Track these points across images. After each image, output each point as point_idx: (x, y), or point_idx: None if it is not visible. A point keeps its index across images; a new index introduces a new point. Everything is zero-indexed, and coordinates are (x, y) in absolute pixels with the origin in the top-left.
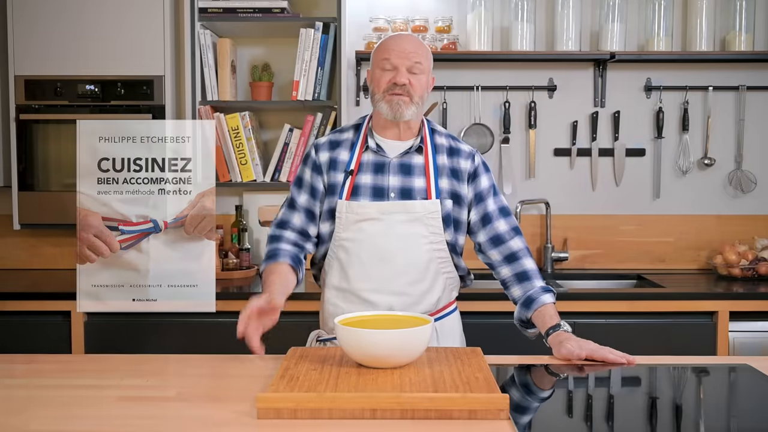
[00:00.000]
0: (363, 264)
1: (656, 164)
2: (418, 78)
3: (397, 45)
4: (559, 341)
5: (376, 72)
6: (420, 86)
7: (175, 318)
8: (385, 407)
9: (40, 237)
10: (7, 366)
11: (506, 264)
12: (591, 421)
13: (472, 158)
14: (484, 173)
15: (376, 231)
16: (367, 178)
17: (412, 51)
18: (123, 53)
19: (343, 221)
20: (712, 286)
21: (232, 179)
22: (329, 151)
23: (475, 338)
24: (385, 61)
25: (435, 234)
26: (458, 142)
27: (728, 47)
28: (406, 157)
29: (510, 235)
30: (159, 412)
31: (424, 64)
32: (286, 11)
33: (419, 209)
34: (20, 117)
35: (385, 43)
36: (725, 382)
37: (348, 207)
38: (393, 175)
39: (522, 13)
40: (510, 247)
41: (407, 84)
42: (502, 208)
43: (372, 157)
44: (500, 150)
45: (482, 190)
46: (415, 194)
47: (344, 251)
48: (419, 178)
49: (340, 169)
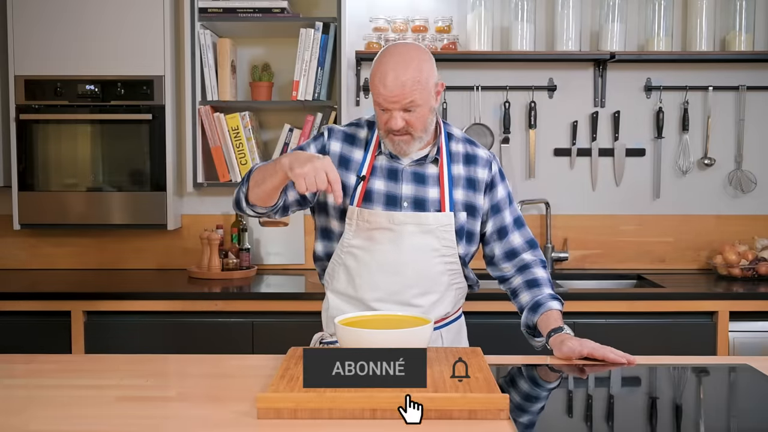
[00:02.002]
0: (371, 273)
1: (656, 164)
2: (415, 114)
3: (386, 88)
4: (560, 341)
5: (374, 106)
6: (420, 121)
7: (175, 318)
8: (385, 407)
9: (40, 237)
10: (7, 366)
11: (518, 273)
12: (591, 421)
13: (490, 167)
14: (501, 183)
15: (386, 241)
16: (381, 184)
17: (402, 93)
18: (123, 53)
19: (353, 228)
20: (712, 286)
21: (232, 179)
22: (342, 143)
23: (476, 338)
24: (376, 103)
25: (447, 247)
26: (475, 146)
27: (728, 47)
28: (420, 165)
29: (524, 248)
30: (159, 412)
31: (420, 97)
32: (286, 11)
33: (432, 221)
34: (20, 117)
35: (375, 77)
36: (725, 382)
37: (360, 214)
38: (406, 183)
39: (522, 13)
40: (523, 259)
41: (404, 125)
42: (517, 219)
43: (385, 161)
44: (500, 150)
45: (499, 200)
46: (428, 205)
47: (353, 258)
48: (433, 188)
49: (353, 169)
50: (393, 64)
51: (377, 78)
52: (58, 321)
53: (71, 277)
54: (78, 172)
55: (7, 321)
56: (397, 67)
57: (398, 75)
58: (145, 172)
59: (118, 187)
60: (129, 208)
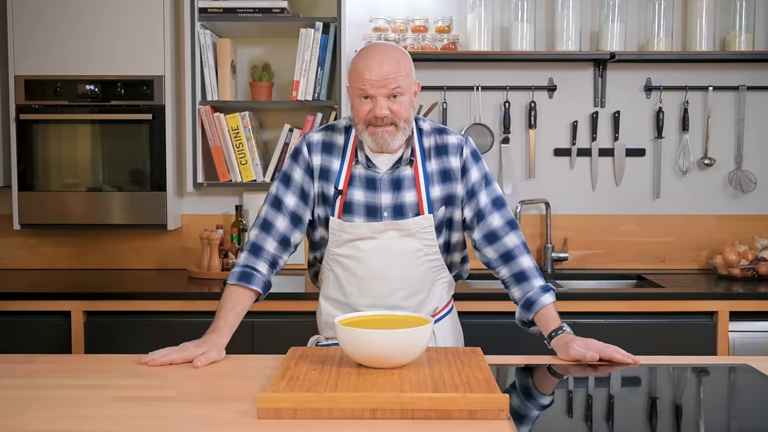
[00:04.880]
0: (359, 280)
1: (656, 164)
2: (400, 102)
3: (371, 72)
4: (565, 343)
5: (354, 100)
6: (404, 110)
7: (175, 318)
8: (385, 407)
9: (40, 237)
10: (7, 366)
11: (503, 264)
12: (591, 421)
13: (461, 152)
14: (474, 165)
15: (370, 249)
16: (360, 195)
17: (389, 76)
18: (123, 53)
19: (336, 238)
20: (712, 286)
21: (232, 179)
22: (321, 154)
23: (475, 338)
24: (361, 91)
25: (429, 246)
26: (444, 135)
27: (728, 47)
28: (397, 170)
29: (504, 230)
30: (159, 412)
31: (404, 85)
32: (286, 11)
33: (412, 226)
34: (20, 117)
35: (358, 67)
36: (725, 382)
37: (340, 226)
38: (385, 192)
39: (522, 13)
40: (505, 244)
41: (389, 114)
42: (495, 199)
43: (363, 171)
44: (500, 150)
45: (474, 183)
46: (407, 210)
47: (339, 266)
48: (410, 191)
49: (332, 180)
50: (377, 54)
51: (361, 65)
52: (58, 321)
53: (71, 277)
54: (78, 172)
55: (7, 321)
56: (382, 56)
57: (383, 61)
58: (145, 172)
59: (118, 187)
60: (129, 208)
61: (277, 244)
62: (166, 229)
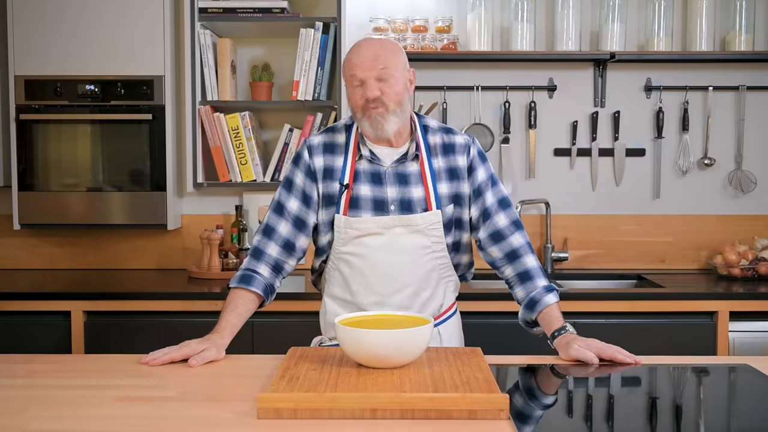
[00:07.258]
0: (366, 278)
1: (656, 164)
2: (388, 84)
3: (358, 57)
4: (566, 342)
5: (349, 91)
6: (393, 92)
7: (175, 318)
8: (385, 407)
9: (40, 237)
10: (7, 366)
11: (508, 263)
12: (591, 421)
13: (468, 151)
14: (481, 165)
15: (378, 245)
16: (366, 189)
17: (374, 58)
18: (123, 53)
19: (342, 236)
20: (712, 286)
21: (232, 179)
22: (324, 155)
23: (476, 338)
24: (353, 77)
25: (437, 243)
26: (451, 134)
27: (728, 47)
28: (402, 165)
29: (510, 230)
30: (159, 412)
31: (392, 65)
32: (286, 11)
33: (420, 222)
34: (20, 117)
35: (348, 58)
36: (725, 382)
37: (347, 222)
38: (391, 185)
39: (522, 13)
40: (511, 243)
41: (379, 95)
42: (501, 200)
43: (367, 165)
44: (500, 150)
45: (480, 183)
46: (414, 206)
47: (346, 264)
48: (417, 187)
49: (337, 178)
50: (365, 42)
51: (351, 55)
52: (58, 321)
53: (71, 277)
54: (78, 172)
55: (7, 321)
56: (370, 42)
57: (371, 46)
58: (145, 172)
59: (118, 187)
60: (129, 208)
61: (279, 248)
62: (166, 229)
